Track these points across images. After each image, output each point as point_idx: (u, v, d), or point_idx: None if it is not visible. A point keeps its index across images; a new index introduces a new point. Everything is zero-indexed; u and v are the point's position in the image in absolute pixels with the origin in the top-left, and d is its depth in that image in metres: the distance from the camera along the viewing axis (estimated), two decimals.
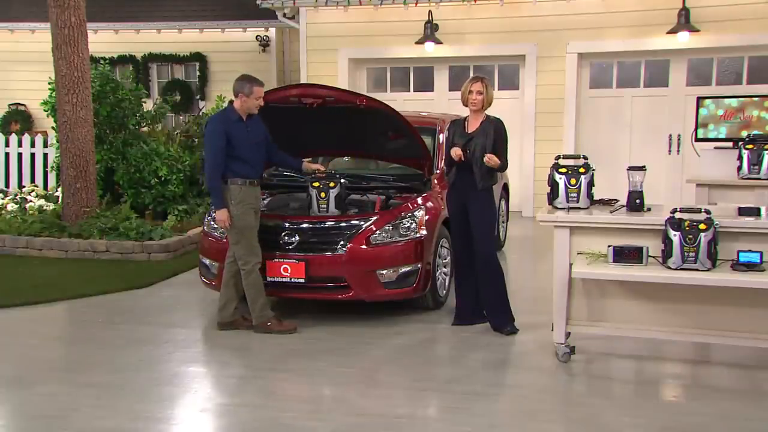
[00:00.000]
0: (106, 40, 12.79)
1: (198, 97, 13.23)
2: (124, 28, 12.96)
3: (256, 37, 12.75)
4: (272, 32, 12.74)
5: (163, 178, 9.41)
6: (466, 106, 5.53)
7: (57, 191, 10.09)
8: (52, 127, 9.54)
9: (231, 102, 5.62)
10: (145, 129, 10.16)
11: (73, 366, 5.00)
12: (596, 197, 4.98)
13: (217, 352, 5.35)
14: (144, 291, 6.90)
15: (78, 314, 6.30)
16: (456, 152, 5.37)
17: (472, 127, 5.49)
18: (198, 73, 13.18)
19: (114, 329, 5.76)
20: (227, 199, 5.42)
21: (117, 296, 6.70)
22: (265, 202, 6.48)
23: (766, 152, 4.73)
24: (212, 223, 6.16)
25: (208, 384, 4.74)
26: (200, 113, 11.12)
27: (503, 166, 5.49)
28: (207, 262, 6.10)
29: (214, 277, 6.04)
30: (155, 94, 13.14)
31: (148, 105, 10.78)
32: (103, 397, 4.38)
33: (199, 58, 13.09)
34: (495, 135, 5.38)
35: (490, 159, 5.29)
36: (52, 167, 10.68)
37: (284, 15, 11.44)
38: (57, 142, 9.05)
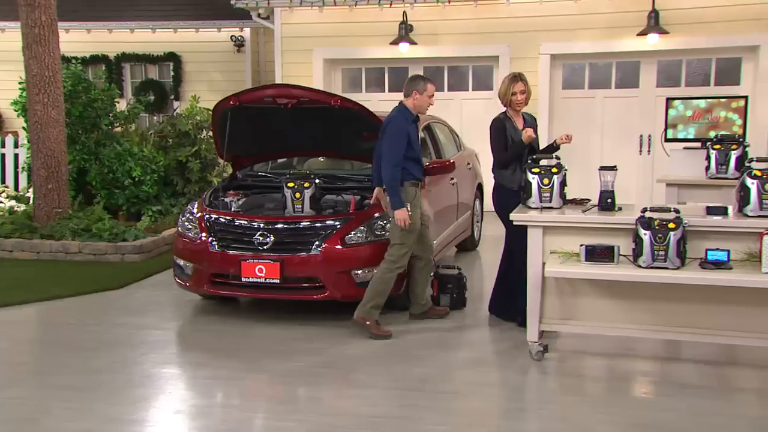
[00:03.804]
0: (78, 39, 12.66)
1: (172, 97, 13.15)
2: (97, 27, 12.85)
3: (231, 37, 12.70)
4: (247, 32, 12.70)
5: (136, 179, 9.34)
6: (507, 106, 5.53)
7: (28, 192, 9.97)
8: (23, 128, 9.44)
9: (401, 102, 5.65)
10: (119, 129, 10.08)
11: (44, 368, 4.95)
12: (569, 197, 5.05)
13: (192, 354, 5.33)
14: (117, 292, 6.85)
15: (49, 316, 6.24)
16: (530, 135, 5.37)
17: (520, 124, 5.56)
18: (172, 73, 13.09)
19: (86, 331, 5.71)
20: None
21: (89, 298, 6.64)
22: (240, 202, 6.47)
23: (733, 152, 4.83)
24: (186, 223, 6.14)
25: (182, 385, 4.72)
26: (174, 113, 11.04)
27: None
28: (181, 263, 6.07)
29: (188, 278, 6.01)
30: (129, 94, 13.05)
31: (122, 105, 10.70)
32: (74, 400, 4.35)
33: (173, 58, 13.01)
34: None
35: (570, 137, 5.36)
36: (23, 168, 10.55)
37: (259, 15, 11.40)
38: (28, 142, 8.96)
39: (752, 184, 4.46)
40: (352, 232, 5.70)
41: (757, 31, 9.37)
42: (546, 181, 4.90)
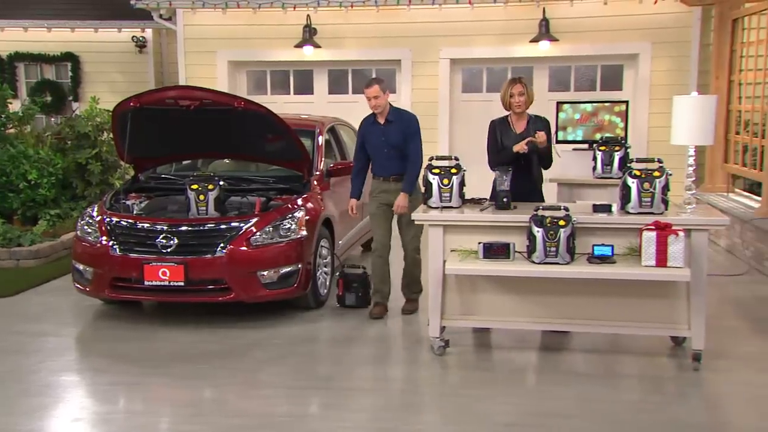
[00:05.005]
0: None
1: (71, 98, 12.72)
2: None
3: (132, 37, 12.41)
4: (149, 33, 12.43)
5: (32, 182, 9.01)
6: (509, 110, 5.46)
7: None
8: None
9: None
10: (12, 130, 9.68)
11: None
12: (468, 196, 5.22)
13: (92, 360, 5.22)
14: (11, 299, 6.60)
15: None
16: (522, 146, 5.23)
17: (519, 128, 5.43)
18: (70, 74, 12.66)
19: None
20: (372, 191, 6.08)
21: None
22: (142, 205, 6.38)
23: (616, 153, 5.12)
24: (86, 227, 6.01)
25: (81, 393, 4.63)
26: (73, 115, 10.69)
27: (550, 162, 5.50)
28: (81, 267, 5.93)
29: (88, 282, 5.89)
30: (24, 95, 12.54)
31: (16, 106, 10.28)
32: None
33: (70, 58, 12.57)
34: (544, 130, 5.33)
35: (541, 136, 5.23)
36: None
37: (160, 16, 11.16)
38: None
39: (632, 183, 4.76)
40: (258, 234, 5.72)
41: (637, 40, 9.93)
42: (446, 181, 5.07)
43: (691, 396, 4.45)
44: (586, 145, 6.67)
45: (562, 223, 4.62)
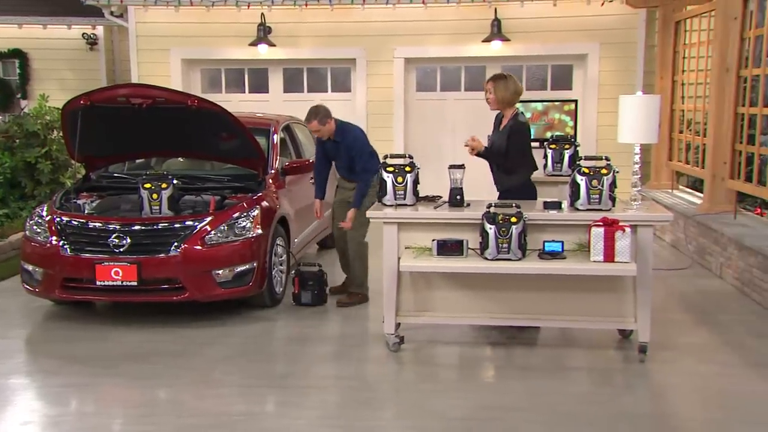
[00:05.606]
0: None
1: (19, 95, 12.45)
2: None
3: (83, 34, 12.21)
4: (100, 30, 12.25)
5: None
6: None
7: None
8: None
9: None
10: None
11: None
12: (422, 194, 5.28)
13: (42, 362, 5.14)
14: None
15: None
16: (465, 144, 5.28)
17: (502, 125, 5.47)
18: (18, 71, 12.40)
19: None
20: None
21: None
22: (94, 204, 6.30)
23: (566, 151, 5.25)
24: (35, 227, 5.91)
25: (31, 395, 4.56)
26: (22, 113, 10.47)
27: (507, 166, 5.38)
28: (30, 268, 5.83)
29: (37, 283, 5.79)
30: None
31: None
32: None
33: (18, 54, 12.33)
34: (508, 134, 5.33)
35: (473, 141, 5.26)
36: None
37: (111, 13, 10.99)
38: None
39: (581, 181, 4.87)
40: (212, 232, 5.70)
41: (585, 41, 10.15)
42: (400, 179, 5.12)
43: (638, 387, 4.57)
44: (537, 144, 6.79)
45: (513, 220, 4.70)
